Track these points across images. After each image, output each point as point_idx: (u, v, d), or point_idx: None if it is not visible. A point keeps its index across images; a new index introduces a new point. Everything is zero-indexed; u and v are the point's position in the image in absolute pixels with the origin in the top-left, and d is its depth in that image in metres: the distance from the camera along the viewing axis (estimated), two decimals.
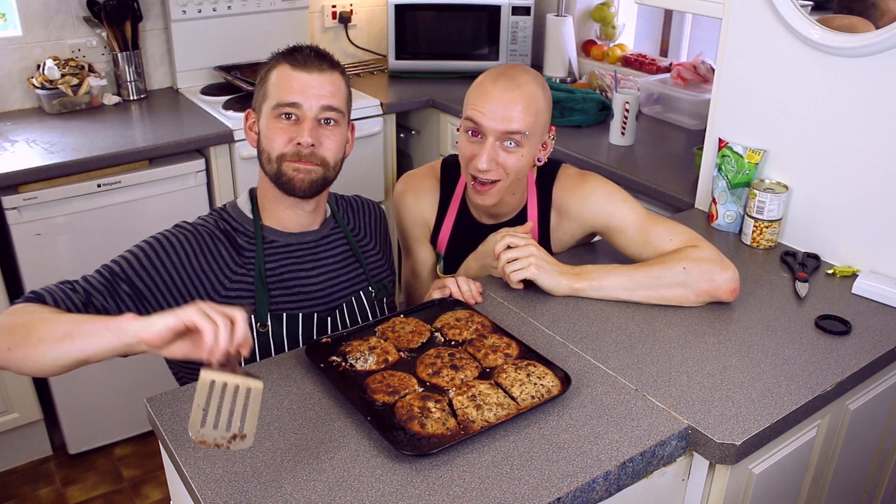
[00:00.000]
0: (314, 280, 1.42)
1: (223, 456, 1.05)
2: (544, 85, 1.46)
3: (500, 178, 1.45)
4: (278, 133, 1.33)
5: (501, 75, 1.43)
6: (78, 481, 2.37)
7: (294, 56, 1.34)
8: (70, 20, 2.55)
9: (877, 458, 1.57)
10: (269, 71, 1.36)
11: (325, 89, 1.33)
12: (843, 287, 1.55)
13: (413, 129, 2.99)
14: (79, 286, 1.24)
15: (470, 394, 1.14)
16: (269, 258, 1.39)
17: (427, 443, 1.06)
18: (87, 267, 2.24)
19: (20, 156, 2.15)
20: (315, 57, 1.34)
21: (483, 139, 1.43)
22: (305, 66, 1.33)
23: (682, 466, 1.18)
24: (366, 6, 3.17)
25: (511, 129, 1.40)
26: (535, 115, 1.42)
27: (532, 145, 1.45)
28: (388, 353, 1.25)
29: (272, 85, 1.34)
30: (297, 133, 1.32)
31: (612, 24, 3.00)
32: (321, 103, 1.33)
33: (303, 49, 1.35)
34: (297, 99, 1.32)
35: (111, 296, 1.25)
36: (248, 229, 1.39)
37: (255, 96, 1.39)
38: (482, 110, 1.41)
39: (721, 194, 1.76)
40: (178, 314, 0.98)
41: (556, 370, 1.21)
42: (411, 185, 1.66)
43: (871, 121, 1.53)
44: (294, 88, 1.32)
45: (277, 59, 1.36)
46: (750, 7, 1.67)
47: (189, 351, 1.01)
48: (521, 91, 1.40)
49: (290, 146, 1.33)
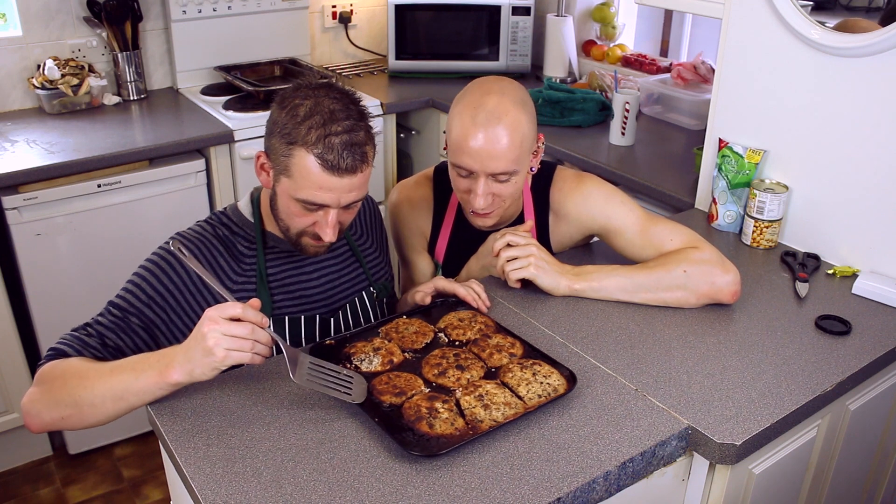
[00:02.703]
0: (315, 283, 1.42)
1: (223, 456, 1.05)
2: (525, 100, 1.39)
3: (500, 206, 1.44)
4: (301, 216, 1.27)
5: (480, 108, 1.35)
6: (78, 481, 2.37)
7: (325, 157, 1.19)
8: (70, 20, 2.55)
9: (877, 458, 1.57)
10: (292, 146, 1.20)
11: (355, 188, 1.24)
12: (843, 287, 1.55)
13: (413, 130, 2.99)
14: (92, 330, 1.24)
15: (477, 394, 1.14)
16: (271, 263, 1.38)
17: (436, 443, 1.06)
18: (87, 267, 2.26)
19: (20, 156, 2.15)
20: (349, 155, 1.20)
21: (474, 176, 1.39)
22: (339, 171, 1.20)
23: (682, 466, 1.18)
24: (366, 6, 3.17)
25: (499, 171, 1.36)
26: (520, 144, 1.36)
27: (524, 167, 1.41)
28: (393, 353, 1.25)
29: (297, 171, 1.21)
30: (321, 222, 1.27)
31: (612, 24, 3.01)
32: (350, 199, 1.26)
33: (335, 144, 1.19)
34: (328, 201, 1.23)
35: (124, 332, 1.25)
36: (248, 233, 1.37)
37: (272, 145, 1.25)
38: (467, 153, 1.36)
39: (721, 194, 1.76)
40: (215, 360, 1.07)
41: (561, 369, 1.21)
42: (405, 195, 1.63)
43: (871, 121, 1.53)
44: (324, 192, 1.22)
45: (304, 138, 1.19)
46: (750, 7, 1.67)
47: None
48: (503, 124, 1.34)
49: (311, 227, 1.29)
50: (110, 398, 1.12)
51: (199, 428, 1.11)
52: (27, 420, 1.19)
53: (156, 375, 1.10)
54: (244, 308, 1.09)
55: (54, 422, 1.16)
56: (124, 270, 1.37)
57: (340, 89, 1.26)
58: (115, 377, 1.12)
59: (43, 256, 2.18)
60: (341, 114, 1.22)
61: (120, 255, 2.25)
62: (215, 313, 1.08)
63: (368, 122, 1.26)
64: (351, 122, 1.22)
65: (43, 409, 1.16)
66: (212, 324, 1.07)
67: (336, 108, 1.22)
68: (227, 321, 1.07)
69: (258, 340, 1.09)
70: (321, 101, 1.22)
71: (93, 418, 1.14)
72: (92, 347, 1.22)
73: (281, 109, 1.24)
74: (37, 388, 1.18)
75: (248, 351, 1.08)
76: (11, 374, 2.27)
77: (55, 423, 1.16)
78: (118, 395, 1.11)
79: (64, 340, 1.22)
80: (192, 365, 1.08)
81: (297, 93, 1.24)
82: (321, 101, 1.22)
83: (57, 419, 1.15)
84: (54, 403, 1.15)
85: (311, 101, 1.22)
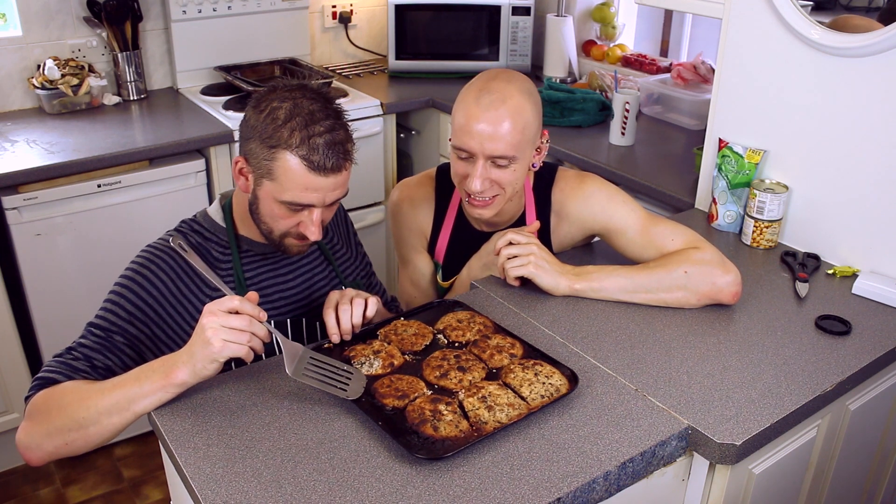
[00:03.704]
0: (293, 284, 1.41)
1: (223, 456, 1.05)
2: (531, 91, 1.40)
3: (498, 193, 1.43)
4: (285, 218, 1.26)
5: (485, 91, 1.36)
6: (78, 481, 2.37)
7: (310, 158, 1.19)
8: (70, 20, 2.55)
9: (877, 458, 1.57)
10: (275, 149, 1.19)
11: (339, 185, 1.25)
12: (843, 287, 1.55)
13: (413, 130, 2.99)
14: (78, 353, 1.22)
15: (480, 395, 1.14)
16: (247, 266, 1.37)
17: (441, 446, 1.05)
18: (87, 267, 2.26)
19: (20, 156, 2.15)
20: (333, 155, 1.20)
21: (474, 159, 1.39)
22: (324, 170, 1.20)
23: (682, 466, 1.18)
24: (366, 6, 3.17)
25: (498, 153, 1.36)
26: (522, 130, 1.36)
27: (525, 157, 1.41)
28: (394, 356, 1.25)
29: (282, 173, 1.20)
30: (305, 221, 1.26)
31: (612, 24, 3.00)
32: (335, 197, 1.26)
33: (318, 144, 1.19)
34: (313, 201, 1.23)
35: (110, 351, 1.23)
36: (221, 238, 1.36)
37: (251, 149, 1.23)
38: (468, 133, 1.36)
39: (721, 194, 1.76)
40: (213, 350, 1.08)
41: (562, 369, 1.21)
42: (407, 194, 1.63)
43: (871, 121, 1.53)
44: (310, 193, 1.22)
45: (287, 141, 1.19)
46: (750, 7, 1.67)
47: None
48: (507, 107, 1.35)
49: (296, 228, 1.28)
50: (116, 412, 1.11)
51: (199, 428, 1.11)
52: (27, 455, 1.16)
53: (161, 378, 1.10)
54: (242, 301, 1.10)
55: (57, 449, 1.14)
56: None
57: (315, 90, 1.26)
58: (117, 391, 1.11)
59: (43, 256, 2.18)
60: (321, 114, 1.21)
61: (120, 255, 2.22)
62: (214, 306, 1.09)
63: (345, 119, 1.26)
64: (331, 121, 1.22)
65: (43, 440, 1.14)
66: (210, 315, 1.08)
67: (314, 108, 1.21)
68: (224, 313, 1.08)
69: (255, 333, 1.10)
70: (299, 103, 1.21)
71: (97, 437, 1.13)
72: (81, 371, 1.19)
73: (258, 113, 1.22)
74: (31, 420, 1.16)
75: (244, 343, 1.08)
76: (11, 374, 2.27)
77: (58, 451, 1.15)
78: (123, 407, 1.11)
79: (50, 368, 1.20)
80: (195, 360, 1.09)
81: (273, 95, 1.24)
82: (299, 103, 1.21)
83: (60, 446, 1.14)
84: (55, 431, 1.13)
85: (288, 104, 1.21)
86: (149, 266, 1.29)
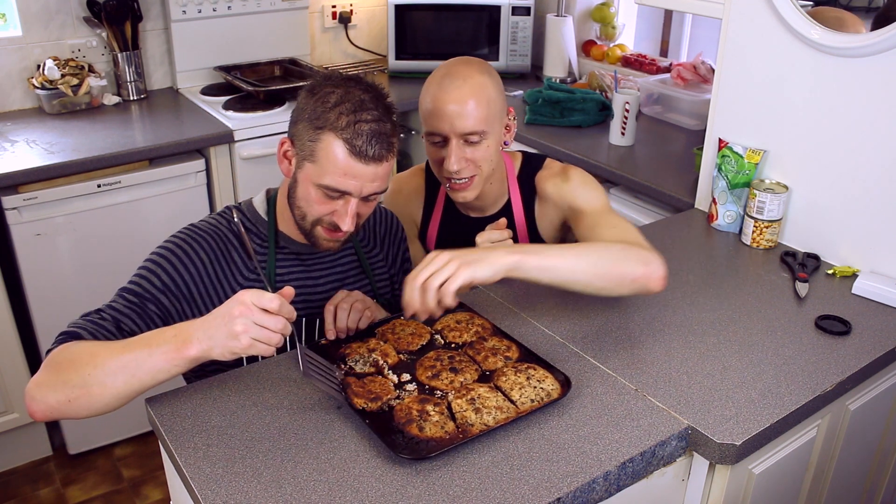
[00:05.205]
0: (321, 288, 1.41)
1: (223, 456, 1.05)
2: (490, 71, 1.48)
3: (475, 172, 1.48)
4: (320, 203, 1.26)
5: (446, 76, 1.45)
6: (78, 481, 2.37)
7: (354, 142, 1.21)
8: (70, 20, 2.55)
9: (877, 458, 1.57)
10: (320, 130, 1.22)
11: (378, 177, 1.25)
12: (843, 287, 1.55)
13: (413, 130, 2.99)
14: (106, 314, 1.21)
15: (469, 397, 1.14)
16: (280, 263, 1.37)
17: (425, 446, 1.05)
18: (87, 267, 2.26)
19: (20, 156, 2.15)
20: (376, 143, 1.22)
21: (446, 143, 1.46)
22: (365, 158, 1.21)
23: (682, 466, 1.18)
24: (366, 6, 3.17)
25: (468, 130, 1.43)
26: (487, 105, 1.43)
27: (495, 132, 1.48)
28: (388, 355, 1.25)
29: (324, 155, 1.22)
30: (340, 210, 1.26)
31: (612, 24, 3.01)
32: (372, 189, 1.26)
33: (363, 131, 1.21)
34: (350, 189, 1.24)
35: (139, 317, 1.23)
36: (261, 231, 1.37)
37: (298, 131, 1.26)
38: (438, 116, 1.43)
39: (721, 194, 1.76)
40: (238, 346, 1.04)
41: (556, 373, 1.21)
42: (398, 186, 1.70)
43: (871, 121, 1.53)
44: (349, 179, 1.23)
45: (334, 123, 1.21)
46: (750, 7, 1.67)
47: None
48: (469, 86, 1.42)
49: (329, 216, 1.28)
50: (121, 376, 1.07)
51: (199, 428, 1.11)
52: (30, 406, 1.12)
53: (172, 351, 1.06)
54: (282, 303, 1.06)
55: (60, 405, 1.10)
56: (124, 270, 1.37)
57: (369, 83, 1.29)
58: (126, 353, 1.08)
59: (43, 256, 2.18)
60: (371, 104, 1.24)
61: (120, 255, 2.25)
62: (250, 299, 1.04)
63: (394, 117, 1.28)
64: (379, 112, 1.24)
65: (49, 392, 1.10)
66: (245, 309, 1.04)
67: (366, 98, 1.24)
68: (261, 311, 1.04)
69: (284, 334, 1.07)
70: (352, 91, 1.25)
71: (100, 401, 1.09)
72: (107, 331, 1.18)
73: (311, 97, 1.26)
74: (44, 371, 1.12)
75: (273, 345, 1.06)
76: (11, 374, 2.27)
77: (60, 407, 1.10)
78: (130, 373, 1.07)
79: (77, 324, 1.19)
80: (213, 343, 1.05)
81: (328, 81, 1.27)
82: (352, 91, 1.25)
83: (63, 402, 1.09)
84: (61, 384, 1.09)
85: (341, 90, 1.24)
86: (190, 244, 1.30)
